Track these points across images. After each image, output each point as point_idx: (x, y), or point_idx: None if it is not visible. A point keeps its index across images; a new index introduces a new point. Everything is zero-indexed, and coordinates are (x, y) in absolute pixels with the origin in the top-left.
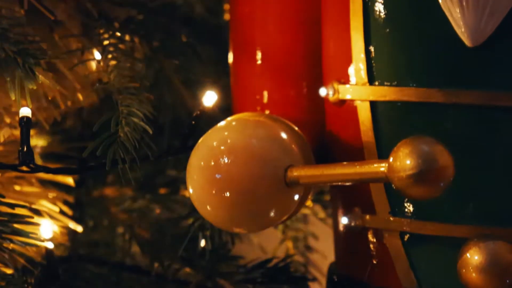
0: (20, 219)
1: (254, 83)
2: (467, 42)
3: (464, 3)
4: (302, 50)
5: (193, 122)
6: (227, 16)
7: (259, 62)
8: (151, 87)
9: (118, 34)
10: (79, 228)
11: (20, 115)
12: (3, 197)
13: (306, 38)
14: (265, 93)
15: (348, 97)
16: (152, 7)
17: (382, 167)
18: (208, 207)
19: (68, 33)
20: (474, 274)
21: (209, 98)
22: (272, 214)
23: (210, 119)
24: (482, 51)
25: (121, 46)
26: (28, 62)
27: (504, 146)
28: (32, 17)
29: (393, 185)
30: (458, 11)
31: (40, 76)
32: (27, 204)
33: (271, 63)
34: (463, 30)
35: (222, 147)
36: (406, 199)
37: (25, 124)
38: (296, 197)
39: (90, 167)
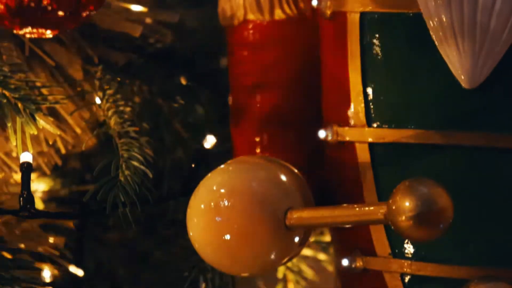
0: (21, 264)
1: (254, 126)
2: (464, 84)
3: (460, 46)
4: (301, 92)
5: (193, 165)
6: (226, 59)
7: (258, 104)
8: (151, 130)
9: (118, 78)
10: (80, 272)
11: (21, 161)
12: (4, 242)
13: (305, 80)
14: (265, 136)
15: (347, 139)
16: (152, 51)
17: (381, 209)
18: (208, 250)
19: (69, 78)
20: None
21: (209, 141)
22: (272, 256)
23: (210, 162)
24: (479, 93)
25: (121, 90)
26: (29, 107)
27: (503, 187)
28: (33, 62)
29: (392, 227)
30: (454, 53)
31: (41, 121)
32: (28, 250)
33: (270, 105)
34: (460, 72)
35: (222, 190)
36: (407, 240)
37: (26, 170)
38: (297, 239)
39: (90, 211)
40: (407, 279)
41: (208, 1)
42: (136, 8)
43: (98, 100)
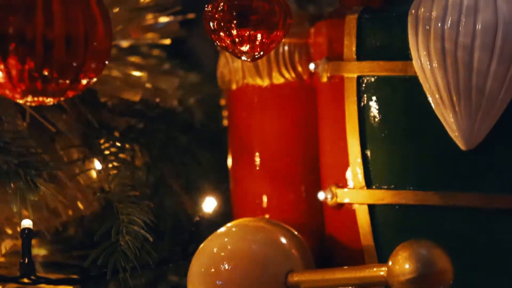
0: None
1: (254, 188)
2: (461, 146)
3: (457, 108)
4: (300, 154)
5: (194, 228)
6: (225, 122)
7: (257, 167)
8: (152, 193)
9: (119, 143)
10: None
11: (22, 227)
12: None
13: (304, 143)
14: (265, 198)
15: (346, 200)
16: (152, 116)
17: (381, 271)
18: None
19: (70, 143)
20: None
21: (209, 203)
22: None
23: (210, 224)
24: (476, 155)
25: (121, 155)
26: (30, 174)
27: (502, 246)
28: (34, 129)
29: None
30: (451, 115)
31: (42, 187)
32: None
33: (270, 167)
34: (457, 134)
35: (223, 254)
36: None
37: (27, 236)
38: None
39: (91, 277)
40: None
41: (207, 63)
42: (136, 73)
43: (98, 165)
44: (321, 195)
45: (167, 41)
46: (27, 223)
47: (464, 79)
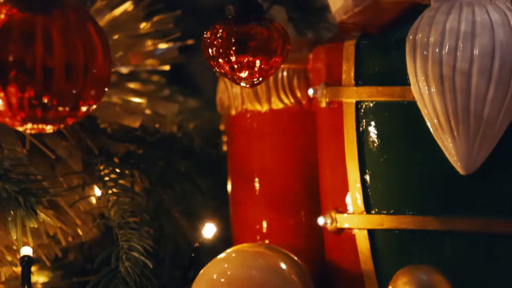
0: None
1: (253, 213)
2: (460, 170)
3: (455, 133)
4: (299, 180)
5: (193, 254)
6: (225, 147)
7: (257, 192)
8: (151, 219)
9: (118, 169)
10: None
11: (21, 255)
12: None
13: (303, 168)
14: (264, 223)
15: (346, 226)
16: (151, 141)
17: None
18: None
19: (69, 170)
20: None
21: (209, 229)
22: None
23: (210, 250)
24: (475, 179)
25: (121, 181)
26: (30, 201)
27: (502, 271)
28: (34, 155)
29: None
30: (450, 140)
31: (41, 214)
32: None
33: (269, 193)
34: (455, 159)
35: (222, 280)
36: None
37: (26, 264)
38: None
39: None
40: None
41: (206, 89)
42: (135, 99)
43: (98, 191)
44: (320, 220)
45: (167, 67)
46: (26, 250)
47: (462, 104)
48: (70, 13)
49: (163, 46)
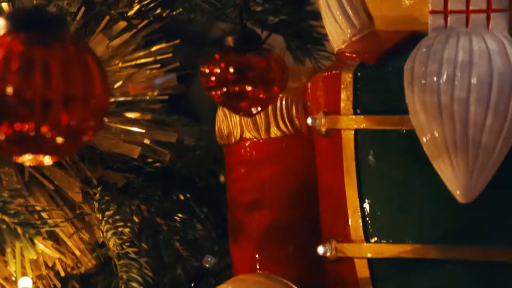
0: None
1: (253, 242)
2: (459, 199)
3: (454, 161)
4: (299, 208)
5: (193, 285)
6: (224, 177)
7: (256, 221)
8: (150, 249)
9: (117, 199)
10: None
11: (20, 286)
12: None
13: (302, 196)
14: (264, 252)
15: (346, 254)
16: (150, 171)
17: None
18: None
19: (68, 200)
20: None
21: (209, 259)
22: None
23: (209, 280)
24: (475, 208)
25: (120, 211)
26: (29, 232)
27: None
28: (33, 186)
29: None
30: (448, 168)
31: (40, 245)
32: None
33: (269, 221)
34: (454, 187)
35: None
36: None
37: None
38: None
39: None
40: None
41: (205, 118)
42: (134, 129)
43: (97, 221)
44: (320, 249)
45: (166, 97)
46: (25, 281)
47: (460, 133)
48: (69, 45)
49: (162, 75)
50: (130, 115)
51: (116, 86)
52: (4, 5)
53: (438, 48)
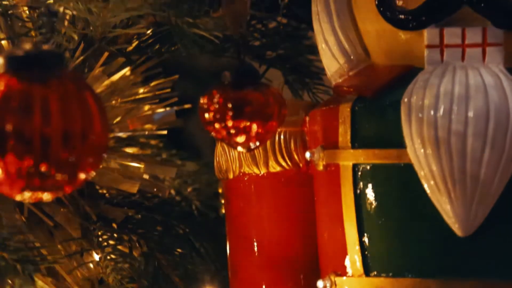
0: None
1: (252, 277)
2: (458, 232)
3: (452, 195)
4: (298, 242)
5: None
6: (223, 211)
7: (256, 255)
8: (150, 284)
9: (116, 235)
10: None
11: None
12: None
13: (302, 230)
14: (263, 286)
15: None
16: (150, 206)
17: None
18: None
19: (68, 236)
20: None
21: None
22: None
23: None
24: (474, 241)
25: (119, 246)
26: (28, 268)
27: None
28: (32, 223)
29: None
30: (447, 202)
31: (40, 281)
32: None
33: (268, 256)
34: (453, 220)
35: None
36: None
37: None
38: None
39: None
40: None
41: (204, 153)
42: (133, 164)
43: (96, 258)
44: (320, 284)
45: (165, 132)
46: None
47: (458, 166)
48: (68, 83)
49: (160, 110)
50: (129, 150)
51: (115, 121)
52: (4, 43)
53: (434, 82)
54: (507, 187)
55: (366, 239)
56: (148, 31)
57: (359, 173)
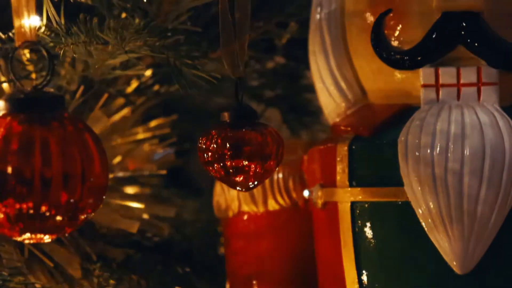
0: None
1: None
2: (456, 270)
3: (450, 232)
4: (298, 280)
5: None
6: (223, 250)
7: None
8: None
9: (116, 275)
10: None
11: None
12: None
13: (301, 268)
14: None
15: None
16: (150, 245)
17: None
18: None
19: (68, 277)
20: None
21: None
22: None
23: None
24: (472, 278)
25: (119, 286)
26: None
27: None
28: (32, 263)
29: None
30: (445, 240)
31: None
32: None
33: None
34: (451, 258)
35: None
36: None
37: None
38: None
39: None
40: None
41: (204, 192)
42: (133, 204)
43: None
44: None
45: (164, 171)
46: None
47: (455, 204)
48: (68, 125)
49: (160, 151)
50: (129, 190)
51: (115, 161)
52: (5, 86)
53: (430, 121)
54: (504, 224)
55: (364, 277)
56: (147, 72)
57: (357, 211)
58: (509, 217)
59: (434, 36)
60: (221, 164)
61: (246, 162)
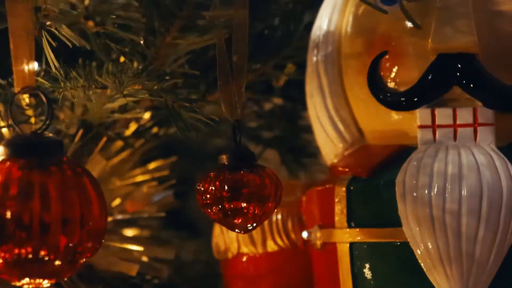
0: None
1: None
2: None
3: (448, 273)
4: None
5: None
6: None
7: None
8: None
9: None
10: None
11: None
12: None
13: None
14: None
15: None
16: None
17: None
18: None
19: None
20: None
21: None
22: None
23: None
24: None
25: None
26: None
27: None
28: None
29: None
30: (444, 280)
31: None
32: None
33: None
34: None
35: None
36: None
37: None
38: None
39: None
40: None
41: (203, 233)
42: (132, 247)
43: None
44: None
45: (163, 214)
46: None
47: (453, 244)
48: (67, 169)
49: (159, 192)
50: (128, 232)
51: (114, 204)
52: (4, 131)
53: (428, 161)
54: (503, 264)
55: None
56: (146, 115)
57: (356, 252)
58: (507, 257)
59: (430, 77)
60: (220, 207)
61: (245, 204)
